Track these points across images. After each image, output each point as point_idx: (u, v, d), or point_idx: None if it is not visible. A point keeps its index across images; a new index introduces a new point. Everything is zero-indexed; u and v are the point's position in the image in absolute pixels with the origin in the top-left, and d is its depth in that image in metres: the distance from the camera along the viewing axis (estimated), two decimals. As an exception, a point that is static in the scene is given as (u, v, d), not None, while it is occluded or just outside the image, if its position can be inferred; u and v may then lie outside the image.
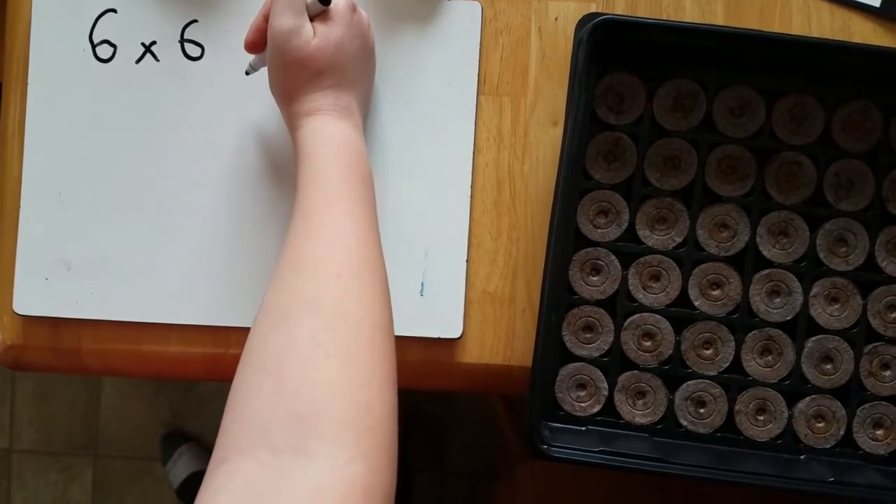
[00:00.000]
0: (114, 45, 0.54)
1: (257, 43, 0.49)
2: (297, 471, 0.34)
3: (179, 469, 1.25)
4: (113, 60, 0.54)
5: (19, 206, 0.53)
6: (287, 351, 0.38)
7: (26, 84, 0.54)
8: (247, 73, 0.52)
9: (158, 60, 0.54)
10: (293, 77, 0.46)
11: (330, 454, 0.35)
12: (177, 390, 1.30)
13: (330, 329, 0.39)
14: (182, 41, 0.54)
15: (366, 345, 0.39)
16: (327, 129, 0.46)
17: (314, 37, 0.46)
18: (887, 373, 0.52)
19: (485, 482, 1.24)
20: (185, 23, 0.54)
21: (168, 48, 0.54)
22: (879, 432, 0.52)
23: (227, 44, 0.54)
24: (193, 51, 0.54)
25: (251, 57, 0.51)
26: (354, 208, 0.44)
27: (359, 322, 0.40)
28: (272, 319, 0.40)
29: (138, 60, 0.54)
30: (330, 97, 0.46)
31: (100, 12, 0.54)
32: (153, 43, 0.54)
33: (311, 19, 0.46)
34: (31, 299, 0.53)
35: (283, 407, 0.36)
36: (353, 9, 0.48)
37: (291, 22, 0.45)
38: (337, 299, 0.40)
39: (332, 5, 0.46)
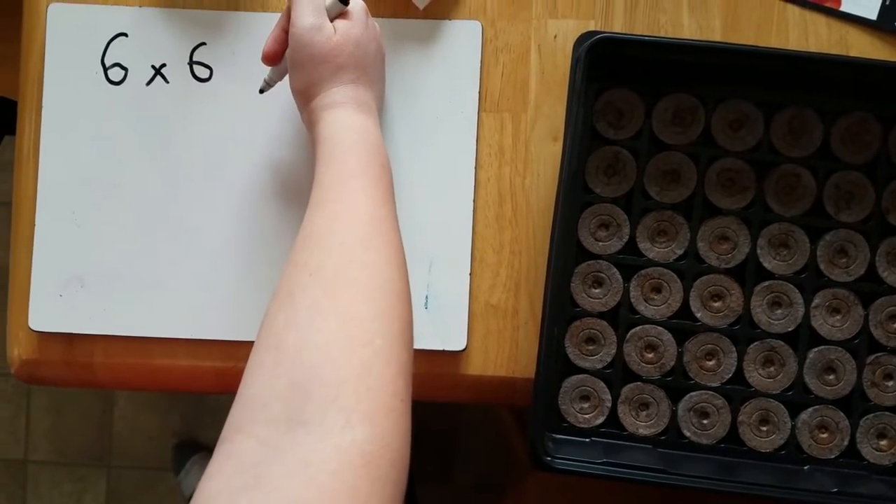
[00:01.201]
0: (125, 68, 0.55)
1: (275, 54, 0.50)
2: (290, 445, 0.32)
3: (192, 478, 1.26)
4: (124, 83, 0.55)
5: (34, 225, 0.55)
6: (289, 323, 0.37)
7: (41, 106, 0.55)
8: (261, 91, 0.52)
9: (168, 82, 0.55)
10: (316, 72, 0.47)
11: (324, 422, 0.33)
12: (189, 401, 1.32)
13: (332, 295, 0.38)
14: (191, 63, 0.55)
15: (369, 304, 0.38)
16: (347, 118, 0.47)
17: (335, 33, 0.47)
18: (890, 383, 0.52)
19: (493, 493, 1.24)
20: (193, 45, 0.55)
21: (178, 70, 0.55)
22: (883, 442, 0.52)
23: (235, 65, 0.55)
24: (202, 72, 0.55)
25: (260, 78, 0.52)
26: (369, 187, 0.43)
27: (363, 285, 0.39)
28: (280, 297, 0.39)
29: (149, 82, 0.55)
30: (350, 92, 0.47)
31: (111, 36, 0.55)
32: (163, 65, 0.55)
33: (331, 20, 0.48)
34: (45, 315, 0.55)
35: (282, 377, 0.34)
36: (367, 14, 0.49)
37: (313, 20, 0.47)
38: (340, 267, 0.39)
39: (350, 6, 0.48)
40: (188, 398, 1.32)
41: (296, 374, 0.34)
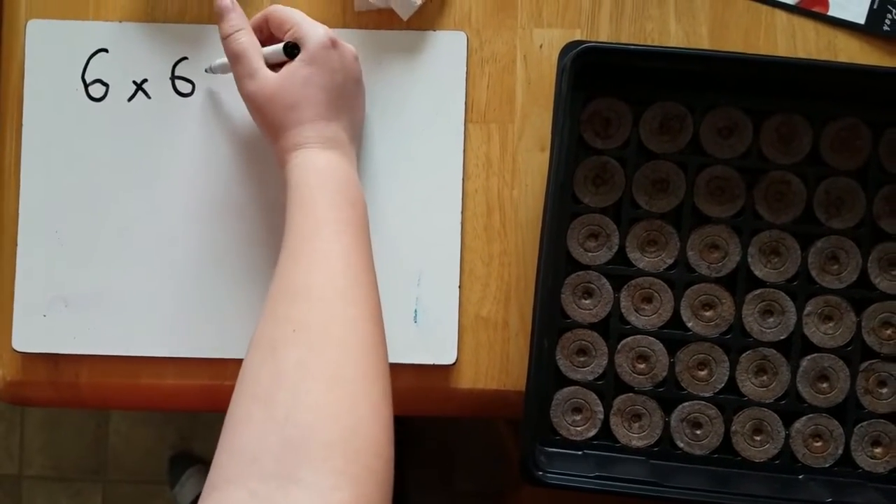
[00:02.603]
0: (106, 84, 0.55)
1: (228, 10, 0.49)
2: (283, 500, 0.34)
3: (187, 491, 1.25)
4: (105, 99, 0.55)
5: (16, 244, 0.54)
6: (276, 379, 0.39)
7: (21, 123, 0.55)
8: (205, 70, 0.54)
9: (150, 98, 0.55)
10: (267, 116, 0.48)
11: (315, 482, 0.35)
12: (184, 414, 1.31)
13: (317, 354, 0.39)
14: (173, 78, 0.55)
15: (353, 366, 0.40)
16: (313, 159, 0.47)
17: (277, 75, 0.47)
18: (884, 390, 0.52)
19: (491, 502, 1.23)
20: (175, 60, 0.55)
21: (159, 86, 0.55)
22: (878, 450, 0.52)
23: (218, 80, 0.55)
24: (184, 87, 0.55)
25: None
26: (341, 233, 0.44)
27: (345, 344, 0.40)
28: (262, 349, 0.41)
29: (130, 98, 0.55)
30: (311, 130, 0.47)
31: (92, 52, 0.55)
32: (144, 81, 0.55)
33: (278, 65, 0.48)
34: (29, 336, 0.54)
35: (273, 434, 0.36)
36: (334, 44, 0.48)
37: (244, 69, 0.48)
38: (322, 323, 0.41)
39: (303, 48, 0.48)
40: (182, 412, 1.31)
41: (287, 433, 0.36)
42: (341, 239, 0.44)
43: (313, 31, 0.48)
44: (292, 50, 0.48)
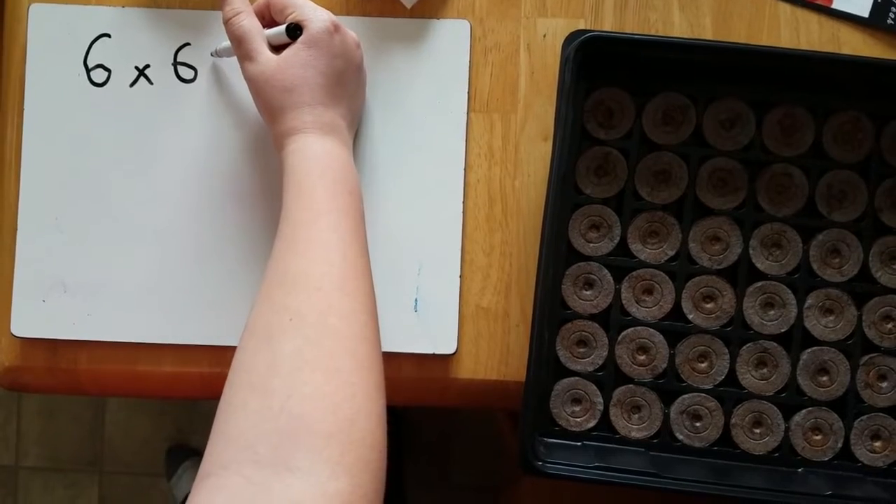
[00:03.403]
0: (108, 70, 0.54)
1: None
2: (279, 487, 0.35)
3: (184, 483, 1.25)
4: (107, 84, 0.54)
5: (16, 230, 0.54)
6: (272, 367, 0.39)
7: (22, 108, 0.54)
8: (210, 54, 0.54)
9: (152, 83, 0.54)
10: (266, 98, 0.48)
11: (312, 470, 0.35)
12: (181, 406, 1.31)
13: (313, 344, 0.40)
14: (175, 64, 0.55)
15: (349, 357, 0.40)
16: (310, 146, 0.47)
17: (277, 57, 0.47)
18: (884, 384, 0.52)
19: (490, 495, 1.23)
20: (177, 46, 0.55)
21: (162, 71, 0.54)
22: (877, 444, 0.52)
23: (220, 66, 0.54)
24: (187, 73, 0.55)
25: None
26: (339, 222, 0.44)
27: (342, 335, 0.41)
28: (258, 336, 0.41)
29: (132, 84, 0.54)
30: (309, 115, 0.47)
31: (94, 37, 0.54)
32: (147, 66, 0.54)
33: (280, 47, 0.48)
34: (28, 321, 0.54)
35: (269, 422, 0.37)
36: (336, 29, 0.48)
37: (245, 51, 0.48)
38: (319, 313, 0.41)
39: (305, 29, 0.47)
40: (180, 403, 1.31)
41: (283, 422, 0.37)
42: (339, 228, 0.44)
43: (315, 15, 0.48)
44: (295, 31, 0.47)
